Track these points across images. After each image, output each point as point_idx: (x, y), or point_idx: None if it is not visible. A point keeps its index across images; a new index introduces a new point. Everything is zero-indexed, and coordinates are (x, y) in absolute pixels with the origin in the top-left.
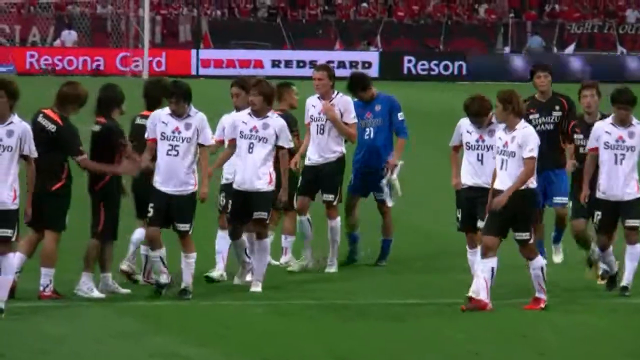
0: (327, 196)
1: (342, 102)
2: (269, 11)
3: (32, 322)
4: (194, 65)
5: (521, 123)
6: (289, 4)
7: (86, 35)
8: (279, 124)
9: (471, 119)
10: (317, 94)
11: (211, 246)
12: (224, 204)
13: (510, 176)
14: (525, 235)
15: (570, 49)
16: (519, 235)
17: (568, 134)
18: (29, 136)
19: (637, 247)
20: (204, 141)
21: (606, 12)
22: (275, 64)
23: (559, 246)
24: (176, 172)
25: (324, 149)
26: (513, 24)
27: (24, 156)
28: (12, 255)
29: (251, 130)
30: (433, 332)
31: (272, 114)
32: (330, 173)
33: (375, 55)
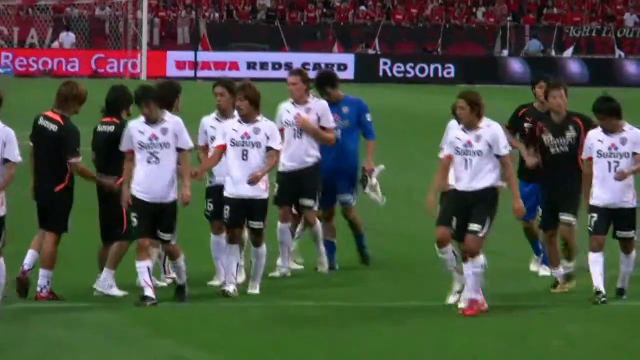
0: (306, 201)
1: (318, 106)
2: (268, 14)
3: (31, 325)
4: (192, 68)
5: (484, 121)
6: (288, 6)
7: (84, 37)
8: (269, 126)
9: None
10: (291, 98)
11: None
12: (211, 209)
13: (477, 176)
14: (476, 227)
15: (568, 52)
16: (473, 225)
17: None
18: (14, 141)
19: (632, 256)
20: (183, 145)
21: (604, 16)
22: (275, 67)
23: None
24: (158, 181)
25: (301, 154)
26: (511, 27)
27: (4, 159)
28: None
29: (242, 137)
30: (432, 336)
31: (261, 117)
32: (309, 178)
33: (350, 58)
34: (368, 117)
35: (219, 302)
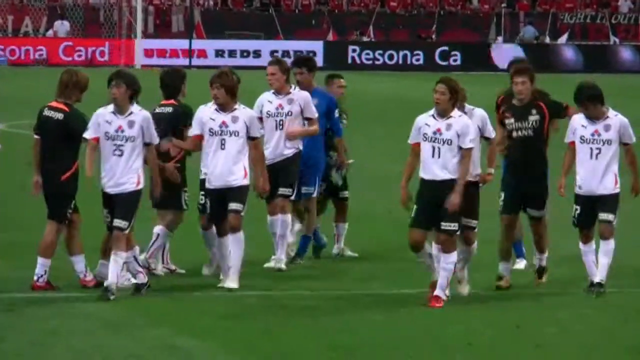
0: (283, 190)
1: (301, 97)
2: (262, 1)
3: (27, 314)
4: (187, 56)
5: (456, 111)
6: None
7: (79, 26)
8: (247, 115)
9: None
10: (271, 89)
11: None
12: (203, 202)
13: (444, 165)
14: (454, 226)
15: (563, 39)
16: (447, 225)
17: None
18: None
19: (610, 243)
20: (150, 140)
21: (599, 2)
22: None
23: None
24: (118, 172)
25: (281, 146)
26: (506, 14)
27: None
28: None
29: (220, 126)
30: (427, 323)
31: (239, 105)
32: (288, 167)
33: (319, 45)
34: (336, 113)
35: (214, 292)
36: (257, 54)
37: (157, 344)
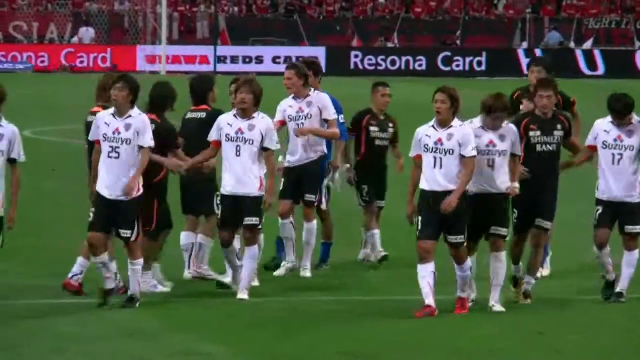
0: (308, 197)
1: (319, 99)
2: (287, 8)
3: (48, 320)
4: (213, 62)
5: (456, 120)
6: (307, 0)
7: (104, 33)
8: (265, 125)
9: (494, 116)
10: (290, 94)
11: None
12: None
13: (447, 176)
14: (460, 238)
15: (587, 44)
16: (454, 238)
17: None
18: (18, 139)
19: (635, 254)
20: (142, 143)
21: (624, 8)
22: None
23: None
24: (118, 176)
25: (306, 149)
26: (531, 19)
27: (10, 160)
28: None
29: (237, 133)
30: (447, 329)
31: (258, 114)
32: (313, 173)
33: (322, 51)
34: (341, 118)
35: (234, 298)
36: (277, 61)
37: (180, 350)
